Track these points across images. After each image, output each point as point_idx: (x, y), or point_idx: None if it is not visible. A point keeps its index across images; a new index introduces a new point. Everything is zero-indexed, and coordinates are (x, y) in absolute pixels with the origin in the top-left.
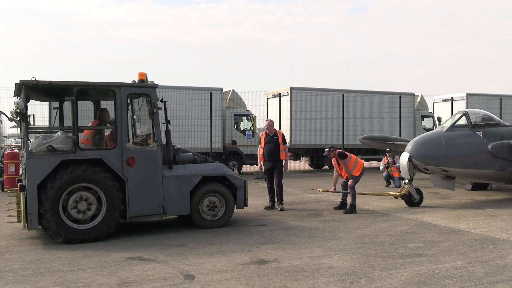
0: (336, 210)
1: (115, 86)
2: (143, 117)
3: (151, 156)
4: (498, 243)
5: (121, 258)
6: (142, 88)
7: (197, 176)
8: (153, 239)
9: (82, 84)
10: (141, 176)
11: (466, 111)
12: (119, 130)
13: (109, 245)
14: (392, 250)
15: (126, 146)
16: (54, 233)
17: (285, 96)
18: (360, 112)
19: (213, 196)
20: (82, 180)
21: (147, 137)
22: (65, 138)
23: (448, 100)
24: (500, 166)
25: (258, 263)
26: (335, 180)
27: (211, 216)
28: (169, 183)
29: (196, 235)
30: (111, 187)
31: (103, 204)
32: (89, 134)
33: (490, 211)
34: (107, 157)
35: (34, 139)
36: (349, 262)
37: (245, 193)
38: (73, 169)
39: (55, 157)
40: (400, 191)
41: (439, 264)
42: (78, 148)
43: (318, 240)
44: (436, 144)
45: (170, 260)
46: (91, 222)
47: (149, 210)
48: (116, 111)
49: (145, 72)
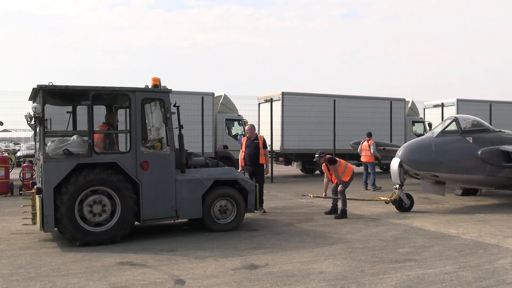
0: (327, 215)
1: (130, 91)
2: (155, 122)
3: (165, 160)
4: (487, 248)
5: (111, 263)
6: (156, 93)
7: (209, 180)
8: (144, 244)
9: (98, 88)
10: (154, 180)
11: (456, 117)
12: (134, 134)
13: (99, 250)
14: (382, 255)
15: (140, 150)
16: (71, 236)
17: (277, 101)
18: (351, 117)
19: (225, 200)
20: (97, 183)
21: (159, 141)
22: (81, 142)
23: (438, 105)
24: (490, 172)
25: (249, 268)
26: (326, 185)
27: (222, 220)
28: (182, 187)
29: (187, 240)
30: (125, 190)
31: (118, 207)
32: (100, 140)
33: (480, 216)
34: (121, 160)
35: (50, 143)
36: (339, 267)
37: (256, 197)
38: (88, 173)
39: (71, 161)
40: (390, 196)
41: (429, 269)
42: (94, 152)
43: (309, 245)
44: (427, 149)
45: (161, 265)
46: (106, 225)
47: (162, 213)
48: (131, 116)
49: (158, 77)
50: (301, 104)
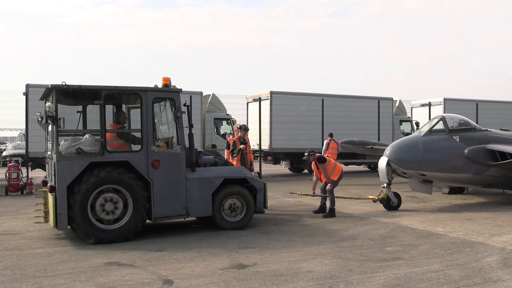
0: (316, 214)
1: (142, 91)
2: (165, 121)
3: (175, 159)
4: (474, 246)
5: (98, 264)
6: (167, 92)
7: (219, 178)
8: (131, 244)
9: (110, 88)
10: (165, 178)
11: (443, 116)
12: (145, 133)
13: (86, 250)
14: (370, 254)
15: (152, 148)
16: (84, 234)
17: (265, 100)
18: (339, 117)
19: (234, 198)
20: (109, 182)
21: (168, 140)
22: (93, 140)
23: (426, 105)
24: (476, 170)
25: (237, 267)
26: (315, 184)
27: (232, 218)
28: (192, 185)
29: (175, 240)
30: (137, 188)
31: (129, 205)
32: (112, 138)
33: (467, 214)
34: (133, 159)
35: (63, 142)
36: (328, 266)
37: (264, 195)
38: (100, 171)
39: (84, 159)
40: (378, 195)
41: (417, 267)
42: (106, 151)
43: (297, 244)
44: (414, 148)
45: (149, 265)
46: (118, 223)
47: (173, 211)
48: (142, 115)
49: (169, 77)
50: (290, 103)
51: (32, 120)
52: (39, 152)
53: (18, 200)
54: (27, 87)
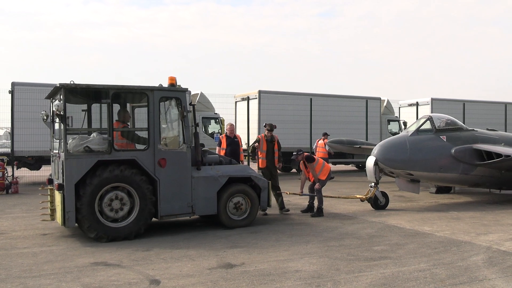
0: (303, 213)
1: (149, 90)
2: (169, 120)
3: (181, 158)
4: (460, 245)
5: (84, 264)
6: (173, 91)
7: (224, 177)
8: (118, 244)
9: (118, 87)
10: (171, 177)
11: (431, 115)
12: (152, 132)
13: (73, 250)
14: (358, 253)
15: (158, 147)
16: (91, 231)
17: (253, 99)
18: (327, 116)
19: (239, 197)
20: (116, 180)
21: (174, 139)
22: (101, 139)
23: (413, 104)
24: (463, 170)
25: (225, 267)
26: (303, 183)
27: (237, 216)
28: (198, 184)
29: (162, 239)
30: (144, 186)
31: (136, 203)
32: (117, 138)
33: (453, 214)
34: (140, 158)
35: (71, 140)
36: (315, 266)
37: (268, 194)
38: (108, 169)
39: (92, 158)
40: (366, 194)
41: (404, 267)
42: (113, 149)
43: (285, 244)
44: (402, 148)
45: (136, 265)
46: (125, 221)
47: (179, 210)
48: (149, 114)
49: (175, 77)
50: (278, 103)
51: (18, 119)
52: (24, 151)
53: (3, 199)
54: (12, 85)
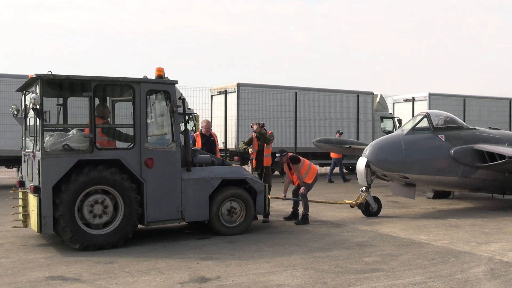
0: (287, 220)
1: (135, 82)
2: (156, 116)
3: (170, 157)
4: (459, 256)
5: (38, 278)
6: (162, 84)
7: (216, 179)
8: (77, 255)
9: (100, 79)
10: (159, 179)
11: (428, 112)
12: (138, 129)
13: (25, 262)
14: (347, 265)
15: (145, 146)
16: (70, 239)
17: (231, 93)
18: (314, 112)
19: (233, 201)
20: (98, 182)
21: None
22: (82, 136)
23: (409, 100)
24: (463, 173)
25: (198, 281)
26: (286, 186)
27: (230, 223)
28: (188, 187)
29: (128, 250)
30: (129, 189)
31: (120, 208)
32: (97, 135)
33: (452, 221)
34: (124, 157)
35: (48, 137)
36: (299, 279)
37: (265, 198)
38: (89, 170)
39: (72, 157)
40: (356, 199)
41: (397, 280)
42: (95, 148)
43: (266, 255)
44: (396, 148)
45: (97, 279)
46: (107, 227)
47: (167, 215)
48: (135, 109)
49: (163, 67)
50: (259, 97)
51: None
52: None
53: None
54: None
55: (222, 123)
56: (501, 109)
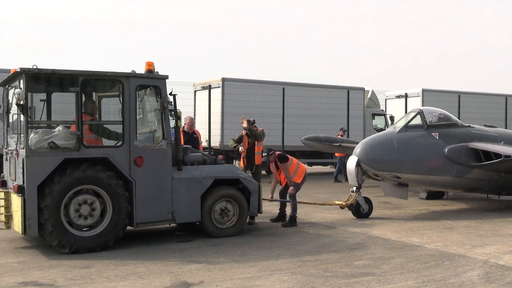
0: (273, 222)
1: (124, 77)
2: (146, 112)
3: (160, 156)
4: (453, 259)
5: (10, 284)
6: (152, 79)
7: (208, 178)
8: (52, 259)
9: (88, 73)
10: (149, 178)
11: (421, 109)
12: (127, 126)
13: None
14: (336, 269)
15: (134, 144)
16: (56, 242)
17: (216, 88)
18: (303, 109)
19: (226, 202)
20: (86, 181)
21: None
22: (68, 133)
23: (402, 96)
24: (457, 172)
25: (180, 286)
26: (274, 187)
27: (223, 224)
28: (179, 186)
29: (106, 254)
30: (117, 189)
31: (109, 208)
32: (84, 132)
33: (446, 223)
34: (113, 155)
35: (33, 135)
36: (287, 283)
37: (259, 198)
38: (76, 169)
39: (58, 155)
40: (346, 200)
41: (389, 284)
42: (82, 146)
43: (251, 258)
44: (388, 146)
45: (73, 284)
46: (95, 229)
47: (157, 216)
48: (124, 105)
49: (152, 62)
50: (245, 93)
51: None
52: None
53: None
54: None
55: (206, 120)
56: (497, 106)
